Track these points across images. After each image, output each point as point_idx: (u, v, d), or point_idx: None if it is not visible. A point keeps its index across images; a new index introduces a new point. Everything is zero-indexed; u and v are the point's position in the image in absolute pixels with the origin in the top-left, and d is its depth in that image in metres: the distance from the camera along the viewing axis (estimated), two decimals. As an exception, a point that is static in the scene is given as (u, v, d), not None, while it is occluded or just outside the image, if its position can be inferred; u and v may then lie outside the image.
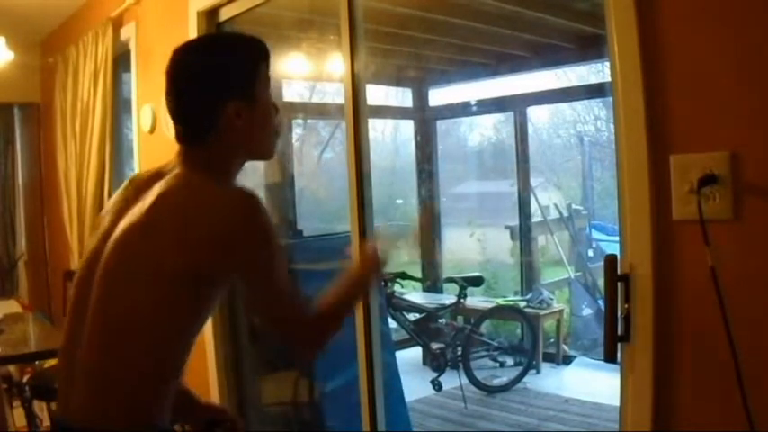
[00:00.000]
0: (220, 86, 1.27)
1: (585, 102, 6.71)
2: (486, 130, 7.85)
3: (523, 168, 5.97)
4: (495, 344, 5.37)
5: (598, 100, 6.26)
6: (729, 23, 1.23)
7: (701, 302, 1.26)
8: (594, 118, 7.14)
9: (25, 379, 3.19)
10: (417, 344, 5.25)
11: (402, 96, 6.60)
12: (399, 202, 7.84)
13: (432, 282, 6.28)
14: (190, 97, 1.29)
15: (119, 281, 1.23)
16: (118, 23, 3.58)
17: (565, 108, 7.04)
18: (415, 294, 5.81)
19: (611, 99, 1.42)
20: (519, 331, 5.59)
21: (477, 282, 5.41)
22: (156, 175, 1.33)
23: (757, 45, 1.19)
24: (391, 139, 7.90)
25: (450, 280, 5.65)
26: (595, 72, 5.75)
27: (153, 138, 3.33)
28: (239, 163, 1.36)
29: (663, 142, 1.32)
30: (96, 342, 1.23)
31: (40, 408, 3.32)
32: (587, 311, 5.73)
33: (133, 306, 1.21)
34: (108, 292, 1.23)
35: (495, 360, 5.31)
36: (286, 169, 4.83)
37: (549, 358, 5.33)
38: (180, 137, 1.32)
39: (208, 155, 1.29)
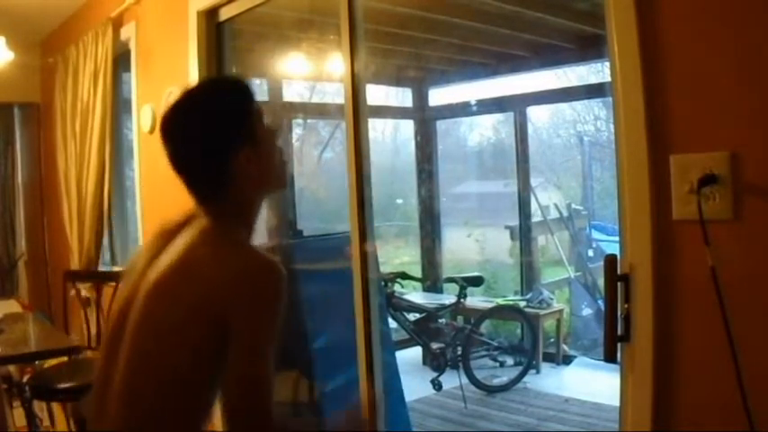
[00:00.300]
0: (226, 143, 1.26)
1: (585, 102, 6.71)
2: (485, 130, 7.85)
3: (523, 168, 5.97)
4: (495, 344, 5.37)
5: (598, 100, 6.27)
6: (729, 23, 1.23)
7: (701, 302, 1.26)
8: (594, 118, 7.15)
9: (25, 379, 3.19)
10: (417, 344, 5.25)
11: (402, 96, 6.61)
12: (399, 201, 7.84)
13: (432, 282, 6.28)
14: (200, 163, 1.28)
15: (148, 332, 1.24)
16: (118, 23, 3.58)
17: (565, 108, 7.04)
18: (414, 294, 5.81)
19: (611, 99, 1.42)
20: (519, 331, 5.59)
21: (477, 282, 5.41)
22: (184, 224, 1.34)
23: (757, 45, 1.19)
24: (391, 139, 7.91)
25: (450, 280, 5.65)
26: (595, 72, 5.75)
27: (153, 138, 3.34)
28: (260, 202, 1.37)
29: (663, 142, 1.32)
30: (126, 390, 1.24)
31: (40, 408, 3.32)
32: (587, 311, 5.73)
33: (160, 355, 1.22)
34: (137, 343, 1.25)
35: (495, 360, 5.31)
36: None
37: (549, 358, 5.33)
38: (196, 199, 1.32)
39: (229, 203, 1.30)
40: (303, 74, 5.02)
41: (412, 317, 5.23)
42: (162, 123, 1.31)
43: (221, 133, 1.27)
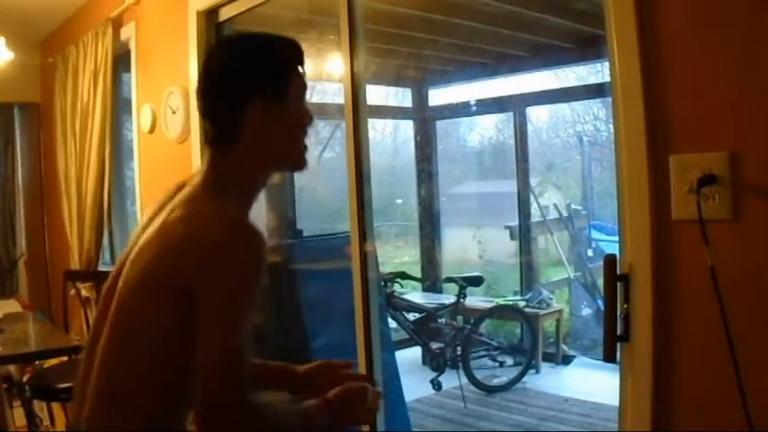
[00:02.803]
0: (250, 80, 1.21)
1: (585, 102, 6.71)
2: (485, 130, 7.84)
3: (523, 168, 5.97)
4: (495, 344, 5.38)
5: (597, 100, 6.26)
6: (729, 23, 1.23)
7: (700, 302, 1.26)
8: (594, 118, 7.14)
9: (25, 379, 3.19)
10: (417, 344, 5.25)
11: (402, 96, 6.60)
12: (399, 201, 7.84)
13: (431, 282, 6.28)
14: (218, 91, 1.24)
15: (128, 296, 1.20)
16: (118, 23, 3.58)
17: (564, 108, 7.03)
18: (414, 294, 5.81)
19: (610, 99, 1.43)
20: (518, 331, 5.59)
21: (476, 282, 5.41)
22: (179, 188, 1.31)
23: (757, 45, 1.20)
24: (391, 139, 7.89)
25: (450, 280, 5.65)
26: (595, 72, 5.75)
27: (153, 138, 3.34)
28: (266, 173, 1.29)
29: (662, 142, 1.32)
30: (104, 356, 1.20)
31: (40, 408, 3.32)
32: (587, 311, 5.73)
33: (138, 320, 1.18)
34: (119, 306, 1.21)
35: (494, 360, 5.32)
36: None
37: (549, 358, 5.34)
38: (208, 137, 1.27)
39: (233, 161, 1.23)
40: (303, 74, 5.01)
41: (412, 317, 5.23)
42: (209, 50, 1.30)
43: (250, 71, 1.21)
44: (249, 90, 1.21)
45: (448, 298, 5.54)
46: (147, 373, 1.18)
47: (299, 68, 1.28)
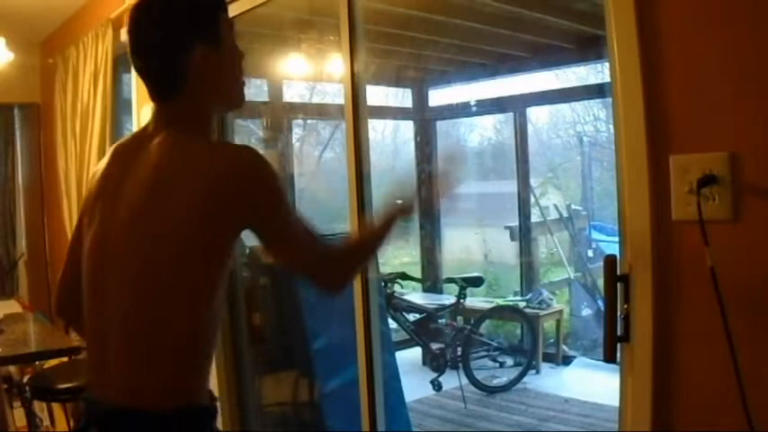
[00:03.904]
0: (185, 33, 1.26)
1: (585, 102, 6.71)
2: (485, 130, 7.84)
3: (523, 169, 5.97)
4: (495, 344, 5.38)
5: (598, 100, 6.26)
6: (729, 23, 1.23)
7: (700, 303, 1.26)
8: (594, 118, 7.14)
9: (25, 379, 3.19)
10: (417, 344, 5.26)
11: (402, 97, 6.61)
12: (399, 202, 7.83)
13: (431, 282, 6.28)
14: (156, 49, 1.28)
15: (142, 251, 1.20)
16: (118, 24, 3.58)
17: (564, 108, 7.04)
18: (414, 295, 5.81)
19: (610, 99, 1.43)
20: (519, 332, 5.59)
21: (476, 282, 5.42)
22: (138, 140, 1.31)
23: (757, 45, 1.19)
24: (391, 140, 7.90)
25: (450, 280, 5.66)
26: (595, 72, 5.75)
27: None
28: (214, 114, 1.36)
29: (662, 142, 1.32)
30: (128, 317, 1.20)
31: (41, 408, 3.32)
32: (587, 312, 5.73)
33: (161, 274, 1.19)
34: (133, 264, 1.21)
35: (494, 360, 5.32)
36: (286, 170, 4.83)
37: (549, 358, 5.34)
38: (152, 94, 1.31)
39: (183, 109, 1.28)
40: (303, 74, 5.02)
41: (412, 317, 5.24)
42: (130, 12, 1.32)
43: (182, 24, 1.27)
44: (187, 40, 1.26)
45: (448, 298, 5.54)
46: (181, 312, 1.21)
47: (224, 11, 1.34)
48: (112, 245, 1.23)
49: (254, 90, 4.86)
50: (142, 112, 3.42)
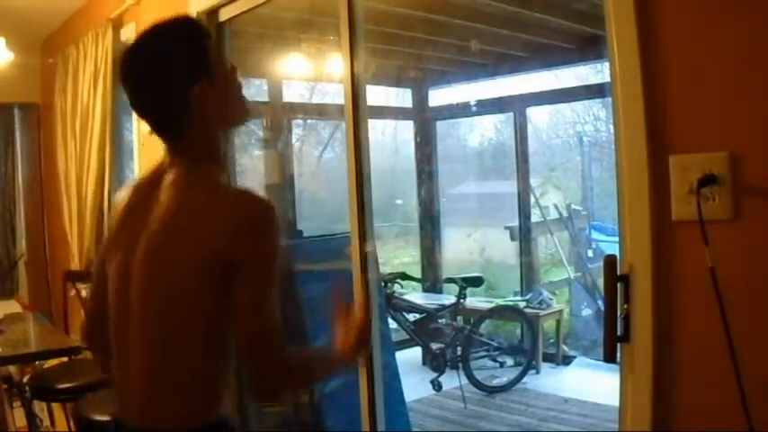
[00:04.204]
0: (179, 78, 1.28)
1: (585, 102, 6.71)
2: (485, 130, 7.85)
3: (523, 169, 5.97)
4: (495, 344, 5.37)
5: (597, 100, 6.26)
6: (729, 23, 1.23)
7: (700, 303, 1.26)
8: (594, 118, 7.15)
9: (25, 379, 3.19)
10: (417, 344, 5.25)
11: (402, 97, 6.61)
12: (399, 202, 7.84)
13: (431, 282, 6.28)
14: (155, 99, 1.31)
15: (160, 286, 1.26)
16: (118, 24, 3.58)
17: (564, 108, 7.04)
18: (414, 295, 5.81)
19: (610, 99, 1.43)
20: (519, 331, 5.59)
21: (476, 282, 5.41)
22: (156, 174, 1.35)
23: (757, 45, 1.20)
24: (391, 140, 7.90)
25: (450, 280, 5.66)
26: (595, 72, 5.75)
27: (153, 138, 3.32)
28: (223, 137, 1.38)
29: (662, 142, 1.32)
30: (150, 345, 1.26)
31: (41, 408, 3.32)
32: (587, 312, 5.73)
33: (178, 306, 1.24)
34: (153, 296, 1.26)
35: (494, 360, 5.31)
36: (286, 170, 4.83)
37: (549, 358, 5.34)
38: (161, 135, 1.35)
39: (193, 142, 1.31)
40: (303, 74, 5.02)
41: (412, 317, 5.23)
42: (120, 69, 1.33)
43: (173, 70, 1.28)
44: (183, 84, 1.28)
45: (448, 298, 5.54)
46: (197, 341, 1.25)
47: (209, 40, 1.34)
48: (134, 278, 1.28)
49: (254, 90, 4.87)
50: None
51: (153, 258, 1.26)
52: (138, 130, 3.50)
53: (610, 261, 1.38)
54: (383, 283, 4.84)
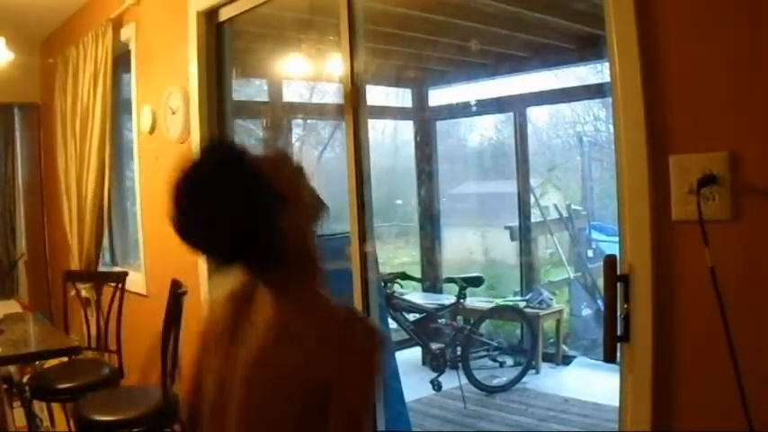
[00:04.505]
0: (273, 214, 1.17)
1: (585, 102, 6.71)
2: (485, 130, 7.85)
3: (523, 169, 5.97)
4: (495, 344, 5.37)
5: (597, 100, 6.26)
6: (728, 24, 1.23)
7: (700, 302, 1.26)
8: (594, 118, 7.15)
9: (25, 379, 3.19)
10: (417, 344, 5.25)
11: (402, 97, 6.61)
12: (399, 202, 7.84)
13: (431, 282, 6.28)
14: (249, 240, 1.18)
15: (256, 401, 1.22)
16: (118, 24, 3.58)
17: (564, 108, 7.04)
18: (414, 295, 5.80)
19: (610, 99, 1.43)
20: (518, 331, 5.59)
21: (476, 282, 5.41)
22: (247, 291, 1.29)
23: (757, 45, 1.20)
24: (391, 140, 7.90)
25: (450, 280, 5.65)
26: (595, 72, 5.75)
27: (153, 138, 3.34)
28: (314, 239, 1.28)
29: (662, 142, 1.32)
30: None
31: (40, 408, 3.32)
32: (587, 312, 5.73)
33: (274, 426, 1.20)
34: (249, 415, 1.22)
35: (494, 360, 5.31)
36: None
37: (549, 358, 5.33)
38: (261, 274, 1.26)
39: (293, 262, 1.23)
40: (303, 74, 5.02)
41: (412, 317, 5.23)
42: (186, 212, 1.17)
43: (269, 201, 1.17)
44: (278, 218, 1.18)
45: (448, 298, 5.54)
46: None
47: (291, 164, 1.26)
48: (230, 388, 1.24)
49: (254, 90, 4.87)
50: (142, 112, 3.42)
51: (250, 376, 1.21)
52: (138, 129, 3.50)
53: (610, 261, 1.38)
54: (383, 283, 4.84)
